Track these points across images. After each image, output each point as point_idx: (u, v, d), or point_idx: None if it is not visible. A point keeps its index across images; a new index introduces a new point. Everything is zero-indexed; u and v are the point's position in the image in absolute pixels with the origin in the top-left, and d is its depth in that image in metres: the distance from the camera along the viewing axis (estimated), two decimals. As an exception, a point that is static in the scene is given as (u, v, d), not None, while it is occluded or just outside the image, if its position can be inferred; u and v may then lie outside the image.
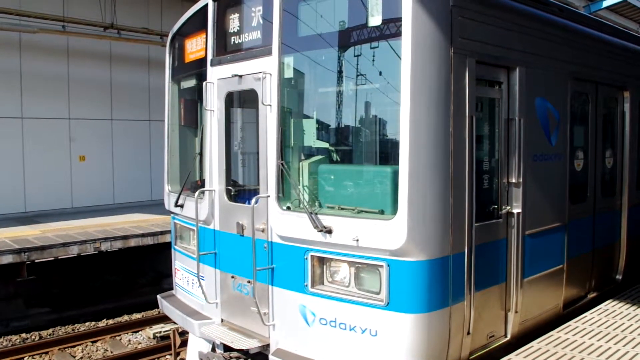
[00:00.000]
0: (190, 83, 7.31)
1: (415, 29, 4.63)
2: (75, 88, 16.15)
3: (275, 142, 5.48)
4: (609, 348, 5.24)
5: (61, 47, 15.79)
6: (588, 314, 6.23)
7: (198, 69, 6.79)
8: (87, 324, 11.79)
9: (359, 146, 5.68)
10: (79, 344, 10.57)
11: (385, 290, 4.87)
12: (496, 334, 5.65)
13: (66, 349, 10.36)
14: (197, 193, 6.36)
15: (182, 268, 7.26)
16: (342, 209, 5.22)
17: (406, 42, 4.63)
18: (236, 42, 6.14)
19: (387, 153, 5.26)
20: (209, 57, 6.41)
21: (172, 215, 7.53)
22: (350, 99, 5.46)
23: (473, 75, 5.04)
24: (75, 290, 13.29)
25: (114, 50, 16.85)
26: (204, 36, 6.52)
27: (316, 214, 5.17)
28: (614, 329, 5.72)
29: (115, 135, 17.13)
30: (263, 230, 5.72)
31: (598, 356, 5.06)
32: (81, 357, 10.15)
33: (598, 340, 5.44)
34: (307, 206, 5.27)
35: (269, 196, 5.56)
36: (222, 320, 6.43)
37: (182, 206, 6.98)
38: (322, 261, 5.30)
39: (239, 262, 6.08)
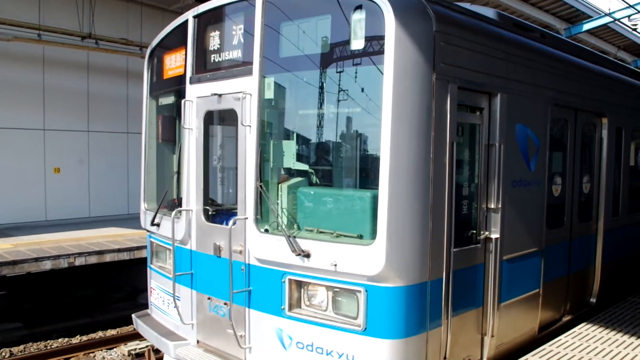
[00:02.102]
0: (169, 100, 7.19)
1: (397, 54, 4.62)
2: (51, 98, 15.88)
3: (254, 163, 5.41)
4: (584, 373, 5.25)
5: (37, 56, 15.52)
6: (563, 337, 6.27)
7: (177, 86, 6.68)
8: (60, 340, 11.47)
9: (338, 169, 5.63)
10: (51, 362, 10.29)
11: (363, 316, 4.83)
12: (472, 358, 5.63)
13: (37, 367, 10.09)
14: (173, 212, 6.25)
15: (158, 287, 7.12)
16: (321, 232, 5.17)
17: (388, 66, 4.61)
18: (216, 60, 6.05)
19: (367, 177, 5.22)
20: (188, 75, 6.31)
21: (148, 233, 7.39)
22: (331, 121, 5.42)
23: (455, 101, 5.04)
24: (47, 305, 12.97)
25: (91, 61, 16.61)
26: (184, 52, 6.42)
27: (294, 237, 5.11)
28: (588, 353, 5.76)
29: (92, 147, 16.85)
30: (240, 252, 5.63)
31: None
32: (53, 375, 9.90)
33: (573, 365, 5.46)
34: (286, 229, 5.21)
35: (247, 218, 5.48)
36: (197, 342, 6.31)
37: (158, 225, 6.85)
38: (299, 285, 5.24)
39: (216, 283, 5.98)
